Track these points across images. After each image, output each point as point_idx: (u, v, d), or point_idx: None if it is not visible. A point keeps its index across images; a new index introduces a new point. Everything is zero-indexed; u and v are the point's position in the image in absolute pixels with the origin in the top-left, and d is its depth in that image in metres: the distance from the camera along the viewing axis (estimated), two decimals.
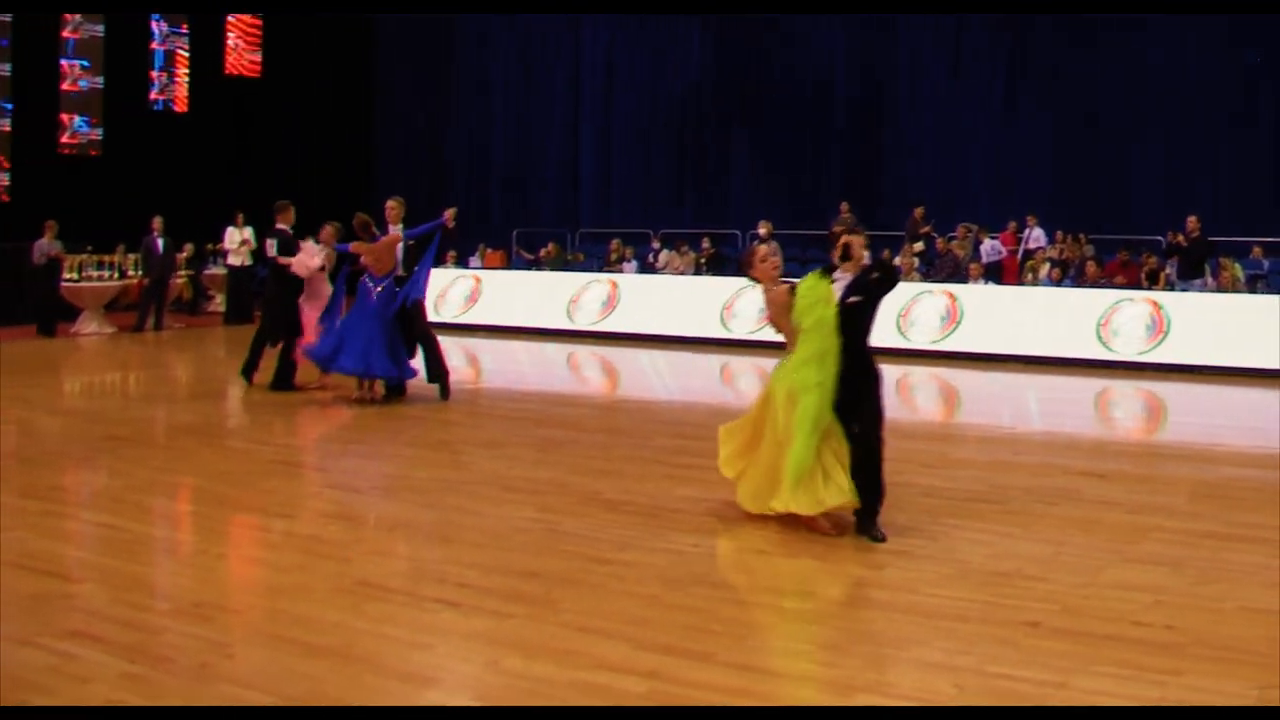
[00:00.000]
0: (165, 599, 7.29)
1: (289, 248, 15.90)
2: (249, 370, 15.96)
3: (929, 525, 8.89)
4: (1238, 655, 6.29)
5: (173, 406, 15.10)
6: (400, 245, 14.93)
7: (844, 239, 8.50)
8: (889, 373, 8.30)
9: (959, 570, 7.78)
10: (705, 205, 30.57)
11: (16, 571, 7.62)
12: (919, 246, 24.21)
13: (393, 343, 14.55)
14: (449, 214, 14.87)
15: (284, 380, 15.70)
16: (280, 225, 16.07)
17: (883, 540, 8.39)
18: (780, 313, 8.85)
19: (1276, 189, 24.26)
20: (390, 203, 15.43)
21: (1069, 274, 22.29)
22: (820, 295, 8.53)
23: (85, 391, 16.71)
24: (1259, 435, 13.86)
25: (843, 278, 8.55)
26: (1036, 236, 24.57)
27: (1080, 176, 26.43)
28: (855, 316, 8.55)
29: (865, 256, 8.68)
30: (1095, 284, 21.37)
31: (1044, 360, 19.42)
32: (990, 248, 24.29)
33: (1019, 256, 24.28)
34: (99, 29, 29.24)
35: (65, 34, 28.69)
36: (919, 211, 25.13)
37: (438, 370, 15.18)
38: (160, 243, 23.67)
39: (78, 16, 28.73)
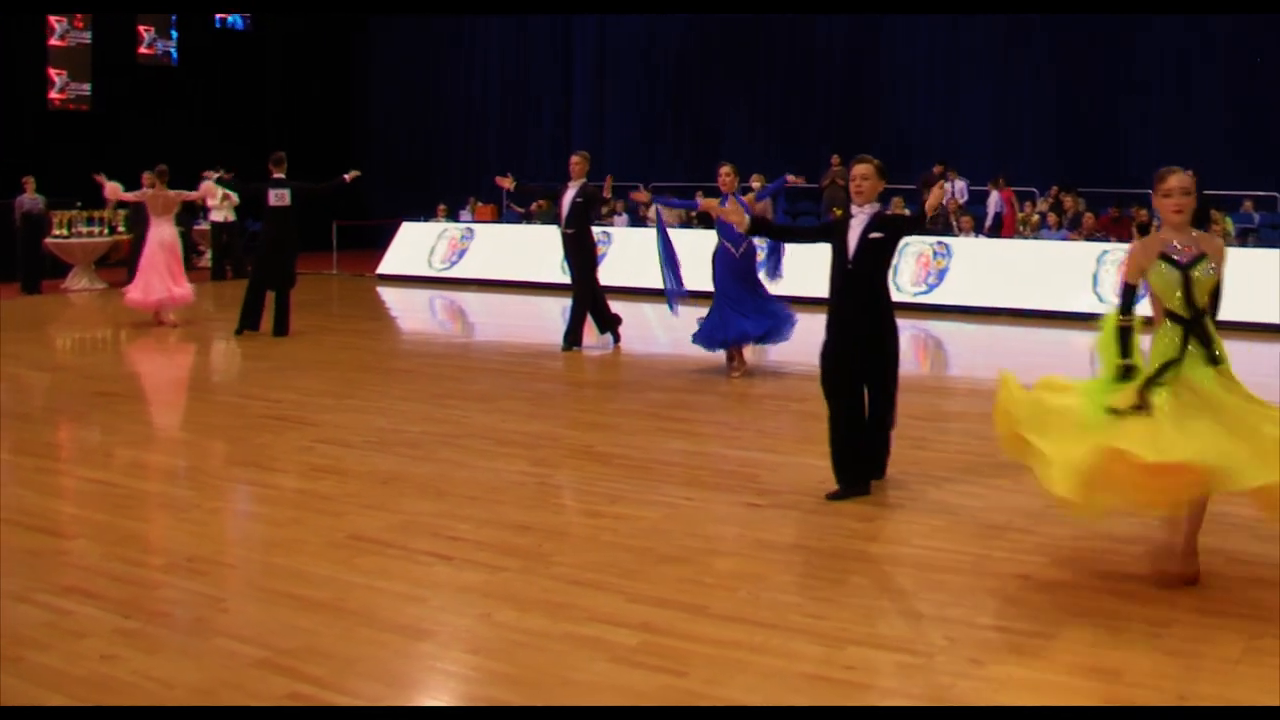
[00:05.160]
0: (159, 554, 7.32)
1: (302, 195, 16.45)
2: (250, 320, 16.20)
3: (920, 478, 8.91)
4: (1228, 607, 6.31)
5: (164, 362, 15.11)
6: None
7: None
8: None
9: (950, 523, 7.81)
10: (697, 159, 30.42)
11: (11, 528, 7.63)
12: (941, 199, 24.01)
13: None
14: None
15: (284, 327, 16.33)
16: (278, 175, 16.23)
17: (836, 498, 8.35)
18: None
19: (1267, 144, 24.22)
20: (575, 158, 15.69)
21: (1064, 226, 22.25)
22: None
23: (77, 347, 16.71)
24: (1256, 390, 13.84)
25: (858, 214, 8.36)
26: (960, 189, 24.47)
27: (1076, 131, 26.36)
28: (878, 254, 8.41)
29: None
30: (1091, 237, 21.36)
31: (1034, 313, 19.41)
32: (994, 200, 24.22)
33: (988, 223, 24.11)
34: None
35: None
36: (938, 167, 24.97)
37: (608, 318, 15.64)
38: None
39: None
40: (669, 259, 14.05)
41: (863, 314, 8.39)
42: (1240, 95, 24.95)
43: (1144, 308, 6.65)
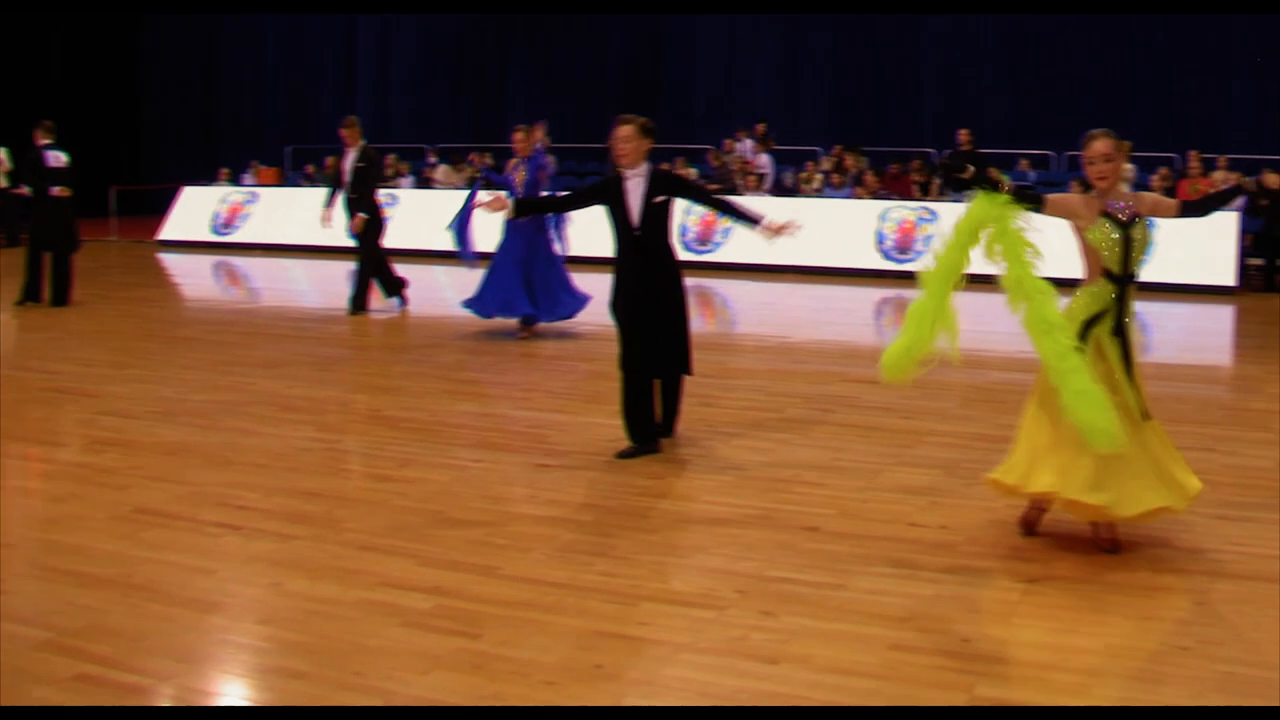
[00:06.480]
0: None
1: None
2: (34, 290, 15.86)
3: (708, 434, 9.02)
4: (1009, 551, 6.52)
5: None
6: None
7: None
8: None
9: (739, 478, 7.93)
10: (482, 119, 30.32)
11: None
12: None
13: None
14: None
15: (63, 296, 16.04)
16: (46, 141, 15.92)
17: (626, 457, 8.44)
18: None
19: (1040, 104, 24.85)
20: (343, 130, 15.48)
21: (847, 184, 22.62)
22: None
23: None
24: (1025, 340, 14.23)
25: (633, 177, 8.37)
26: (745, 148, 24.67)
27: (859, 90, 26.78)
28: (662, 216, 8.44)
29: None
30: (875, 195, 21.74)
31: (819, 270, 19.73)
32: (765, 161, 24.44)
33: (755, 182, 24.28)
34: None
35: None
36: (760, 128, 25.10)
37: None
38: None
39: None
40: (463, 227, 13.92)
41: (651, 275, 8.44)
42: (1016, 56, 25.56)
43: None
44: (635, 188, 8.36)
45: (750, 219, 8.64)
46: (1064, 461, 6.40)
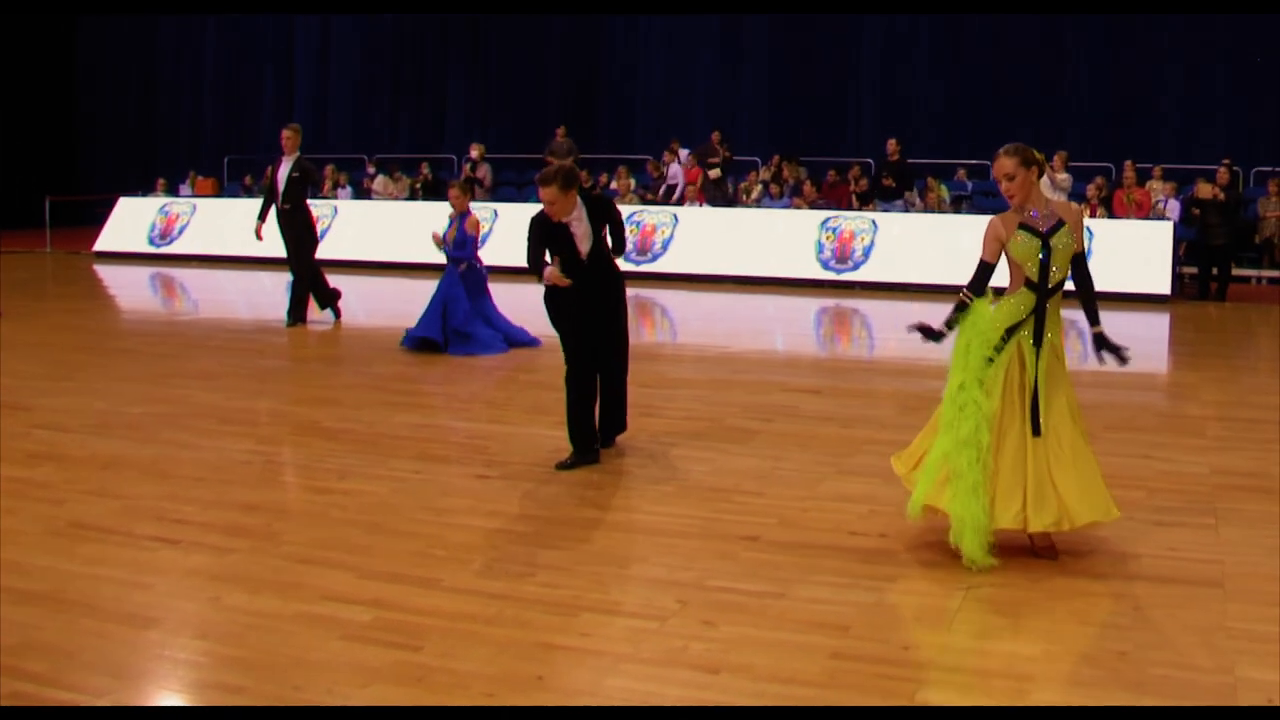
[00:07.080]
0: None
1: None
2: None
3: (648, 444, 9.03)
4: (948, 559, 6.53)
5: None
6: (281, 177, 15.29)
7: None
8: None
9: (679, 488, 7.94)
10: (421, 130, 30.28)
11: None
12: (715, 173, 23.77)
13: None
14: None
15: None
16: None
17: (565, 468, 8.48)
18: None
19: (978, 113, 25.01)
20: (286, 131, 15.30)
21: (785, 195, 22.69)
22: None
23: None
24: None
25: (574, 220, 8.43)
26: (685, 157, 24.57)
27: (796, 101, 26.86)
28: (603, 241, 8.62)
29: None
30: (813, 205, 21.82)
31: (759, 280, 19.79)
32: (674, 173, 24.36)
33: (661, 190, 24.15)
34: None
35: None
36: (715, 136, 25.11)
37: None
38: None
39: None
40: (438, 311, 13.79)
41: (599, 288, 8.56)
42: (954, 66, 25.72)
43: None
44: (579, 227, 8.47)
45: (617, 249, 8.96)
46: (944, 476, 6.53)
